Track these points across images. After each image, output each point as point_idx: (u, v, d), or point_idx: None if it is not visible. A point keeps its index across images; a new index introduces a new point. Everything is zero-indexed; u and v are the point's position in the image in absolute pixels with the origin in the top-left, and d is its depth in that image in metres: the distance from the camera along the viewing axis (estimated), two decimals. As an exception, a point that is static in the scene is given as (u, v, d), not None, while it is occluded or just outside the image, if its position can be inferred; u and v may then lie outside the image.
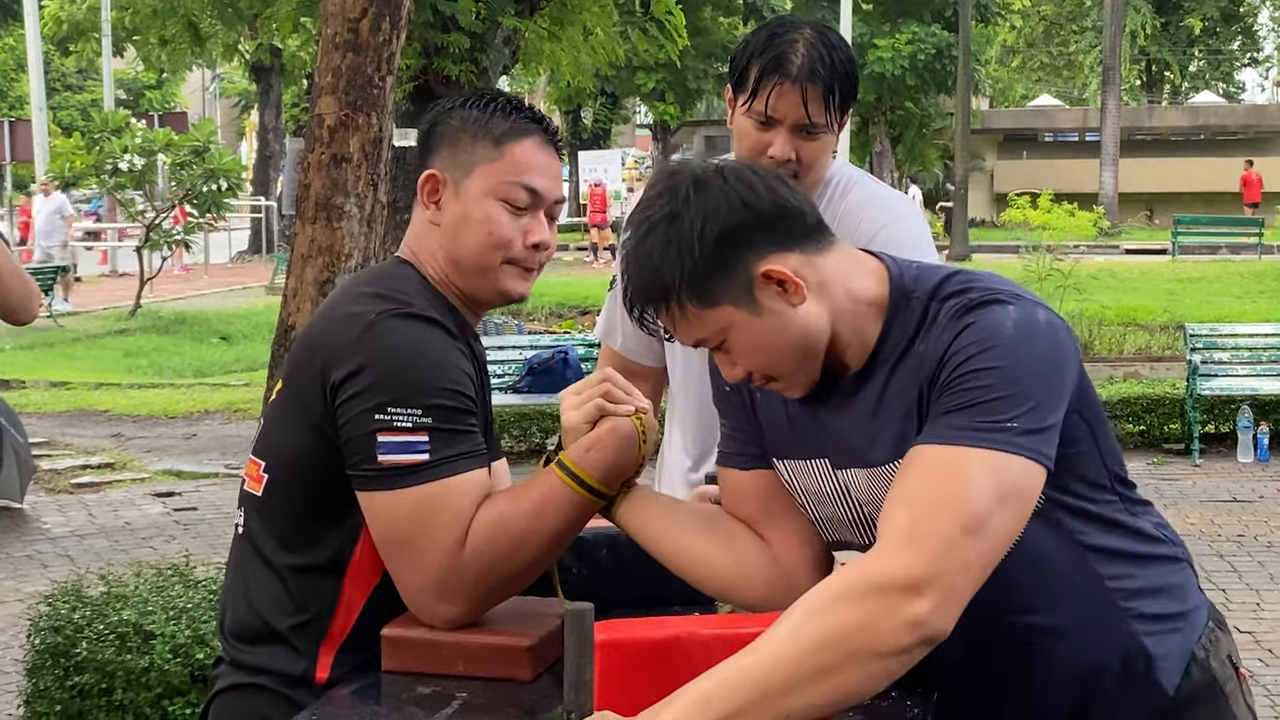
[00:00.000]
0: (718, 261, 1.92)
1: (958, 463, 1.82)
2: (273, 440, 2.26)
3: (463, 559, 2.11)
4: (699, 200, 1.93)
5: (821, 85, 2.71)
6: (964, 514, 1.78)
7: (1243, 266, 27.07)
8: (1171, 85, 59.02)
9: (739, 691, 1.70)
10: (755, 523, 2.22)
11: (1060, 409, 1.91)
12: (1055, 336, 1.94)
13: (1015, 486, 1.83)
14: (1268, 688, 6.03)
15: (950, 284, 2.01)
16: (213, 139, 21.41)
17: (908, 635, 1.73)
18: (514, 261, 2.28)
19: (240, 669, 2.25)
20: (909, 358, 1.99)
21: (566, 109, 41.87)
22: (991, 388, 1.86)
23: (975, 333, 1.91)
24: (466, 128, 2.28)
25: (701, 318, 1.95)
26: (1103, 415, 2.08)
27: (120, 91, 45.24)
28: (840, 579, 1.79)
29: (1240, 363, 11.52)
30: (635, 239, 1.96)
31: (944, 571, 1.75)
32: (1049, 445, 1.87)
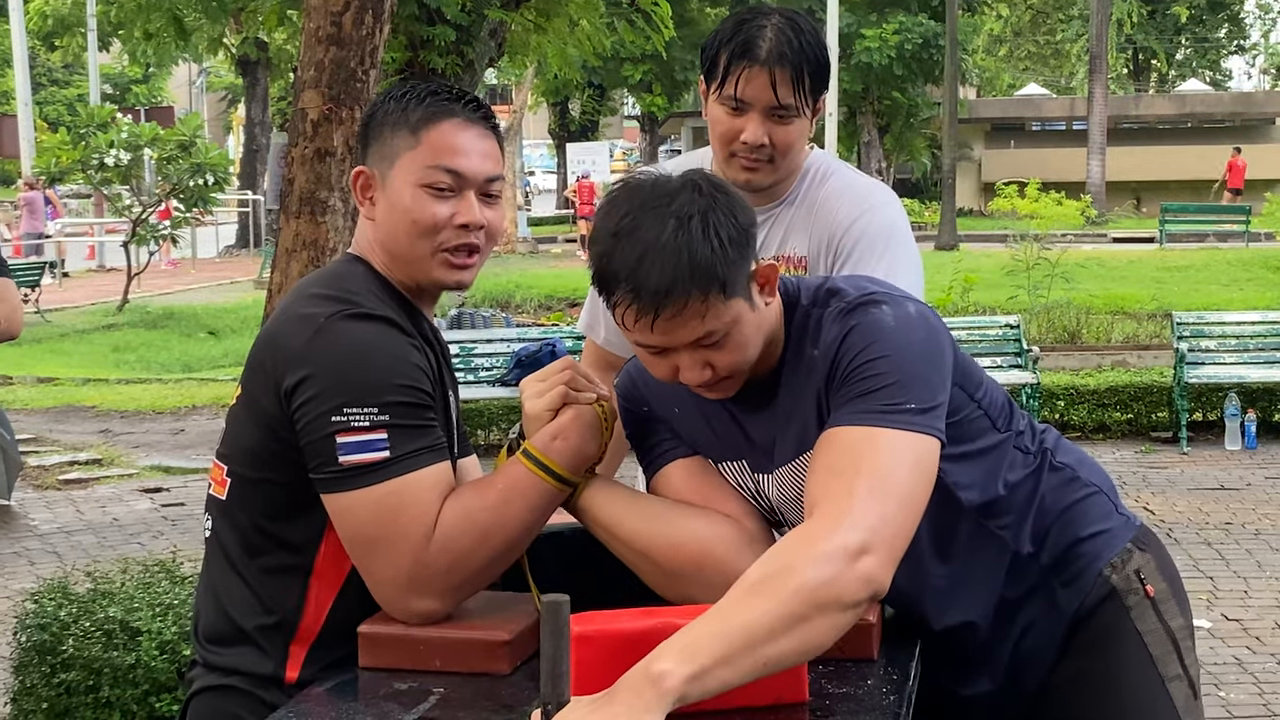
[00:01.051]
0: (744, 254, 2.05)
1: (873, 441, 2.01)
2: (233, 443, 2.26)
3: (430, 553, 2.11)
4: (725, 197, 2.05)
5: (790, 68, 2.73)
6: (894, 486, 1.97)
7: (1230, 254, 27.11)
8: (1158, 73, 59.08)
9: (724, 641, 1.79)
10: (706, 502, 2.27)
11: (946, 386, 2.12)
12: (928, 324, 2.14)
13: (921, 460, 2.03)
14: (1256, 675, 6.04)
15: (824, 289, 2.19)
16: (199, 133, 21.36)
17: (863, 590, 1.89)
18: (445, 247, 2.26)
19: (213, 671, 2.25)
20: (802, 363, 2.16)
21: (554, 101, 41.85)
22: (884, 375, 2.05)
23: (860, 332, 2.09)
24: (387, 120, 2.29)
25: (721, 310, 2.03)
26: (976, 374, 2.29)
27: (106, 86, 45.13)
28: (802, 540, 1.91)
29: (1227, 350, 11.54)
30: (664, 230, 1.99)
31: (885, 536, 1.93)
32: (939, 420, 2.08)
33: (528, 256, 30.80)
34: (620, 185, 2.08)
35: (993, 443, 2.28)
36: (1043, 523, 2.31)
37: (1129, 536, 2.38)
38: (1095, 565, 2.33)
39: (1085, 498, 2.36)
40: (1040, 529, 2.31)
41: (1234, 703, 5.68)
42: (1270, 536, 8.31)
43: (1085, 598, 2.32)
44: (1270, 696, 5.80)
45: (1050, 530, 2.31)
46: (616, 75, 38.14)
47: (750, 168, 2.82)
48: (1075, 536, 2.33)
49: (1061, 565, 2.31)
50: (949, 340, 2.17)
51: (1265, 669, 6.12)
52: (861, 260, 2.81)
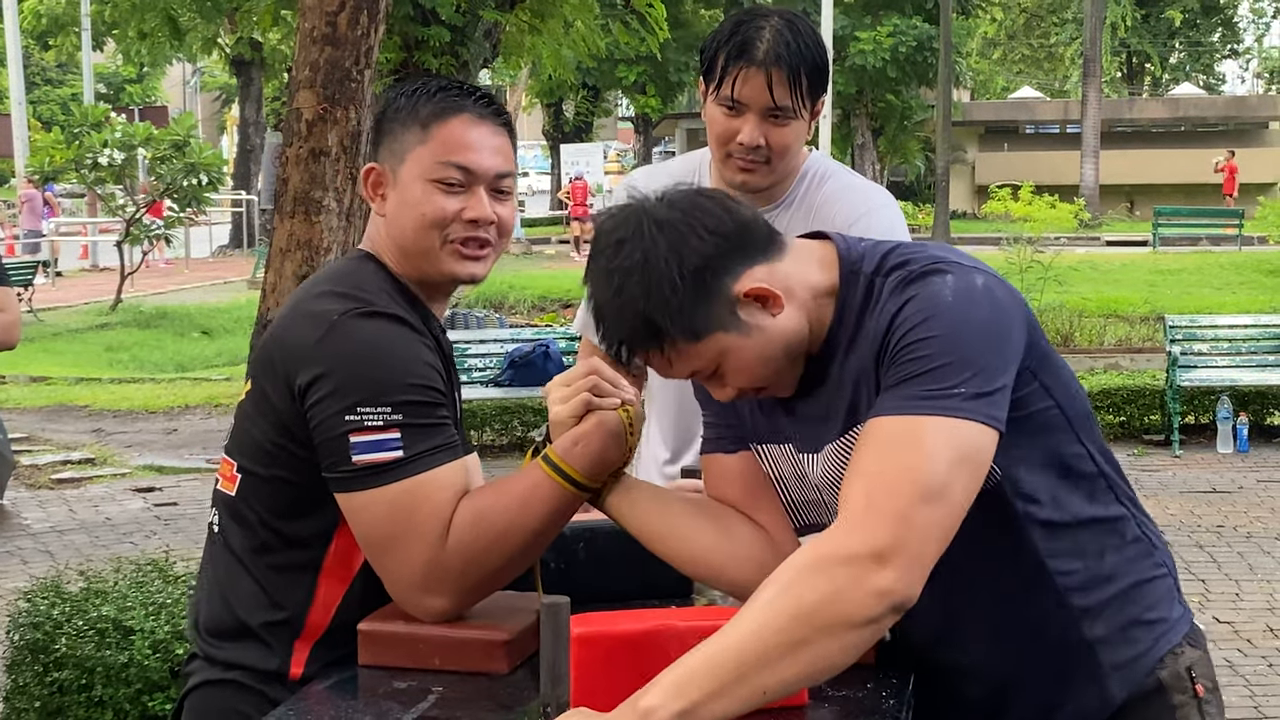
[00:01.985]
0: (701, 295, 1.93)
1: (911, 431, 1.85)
2: (244, 439, 2.26)
3: (445, 553, 2.10)
4: (666, 238, 1.92)
5: (786, 69, 2.73)
6: (921, 481, 1.81)
7: (1223, 258, 27.15)
8: (1152, 77, 59.13)
9: (717, 671, 1.72)
10: (743, 505, 2.23)
11: (1010, 371, 1.93)
12: (994, 299, 1.96)
13: (968, 450, 1.85)
14: (1247, 678, 6.05)
15: (893, 257, 2.04)
16: (193, 133, 21.34)
17: (877, 604, 1.75)
18: (452, 240, 2.26)
19: (214, 665, 2.24)
20: (860, 336, 2.02)
21: (548, 102, 41.84)
22: (935, 356, 1.88)
23: (916, 305, 1.93)
24: (398, 117, 2.28)
25: (695, 351, 1.96)
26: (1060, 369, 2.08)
27: (100, 85, 45.09)
28: (805, 554, 1.81)
29: (1220, 354, 11.56)
30: (610, 289, 1.94)
31: (906, 539, 1.77)
32: (999, 408, 1.89)
33: (521, 257, 30.77)
34: (603, 218, 2.01)
35: (1066, 453, 2.07)
36: (1107, 588, 2.11)
37: (1185, 631, 2.20)
38: (1152, 655, 2.15)
39: (1155, 578, 2.18)
40: (1103, 594, 2.11)
41: (1226, 705, 5.68)
42: (1262, 539, 8.32)
43: (1134, 693, 2.13)
44: (1261, 699, 5.81)
45: (1115, 600, 2.12)
46: (611, 76, 38.13)
47: (747, 169, 2.82)
48: (1136, 617, 2.14)
49: (1115, 643, 2.12)
50: (1021, 318, 1.98)
51: (1256, 671, 6.13)
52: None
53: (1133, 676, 2.14)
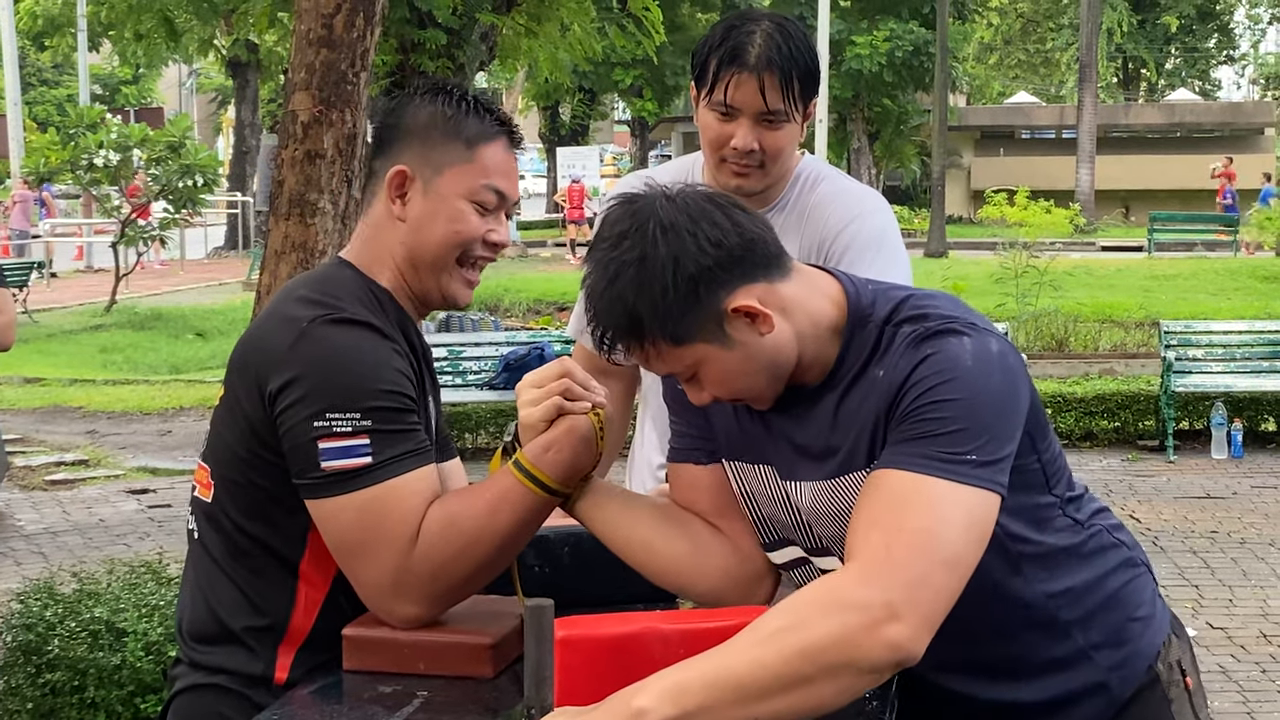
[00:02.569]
0: (690, 303, 1.95)
1: (926, 493, 1.88)
2: (218, 445, 2.26)
3: (414, 560, 2.10)
4: (667, 242, 1.94)
5: (779, 73, 2.73)
6: (940, 548, 1.84)
7: (1218, 263, 27.16)
8: (1148, 83, 59.19)
9: (714, 689, 1.73)
10: (712, 516, 2.25)
11: (1015, 437, 1.99)
12: (1007, 365, 2.00)
13: (978, 518, 1.90)
14: (1240, 684, 6.06)
15: (905, 308, 2.06)
16: (189, 134, 21.31)
17: (886, 656, 1.78)
18: (469, 261, 2.29)
19: (199, 669, 2.25)
20: (863, 380, 2.04)
21: (544, 105, 41.87)
22: (952, 419, 1.92)
23: (935, 364, 1.96)
24: (437, 125, 2.29)
25: (674, 354, 1.99)
26: (1046, 428, 2.16)
27: (96, 86, 45.03)
28: (823, 593, 1.82)
29: (1214, 360, 11.57)
30: (604, 279, 1.96)
31: (922, 599, 1.81)
32: (1004, 474, 1.94)
33: (516, 260, 30.78)
34: (613, 206, 2.02)
35: (1041, 503, 2.15)
36: (1094, 598, 2.19)
37: (1168, 619, 2.29)
38: (1147, 650, 2.22)
39: (1135, 578, 2.25)
40: (1091, 605, 2.18)
41: (1218, 711, 5.69)
42: (1255, 545, 8.33)
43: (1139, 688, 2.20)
44: (1254, 705, 5.82)
45: (1102, 608, 2.19)
46: (607, 80, 38.17)
47: (740, 173, 2.83)
48: (1125, 617, 2.21)
49: (1110, 646, 2.19)
50: (1027, 385, 2.05)
51: (1249, 677, 6.14)
52: (852, 265, 2.80)
53: (1132, 675, 2.20)
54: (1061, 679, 2.17)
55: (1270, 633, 6.75)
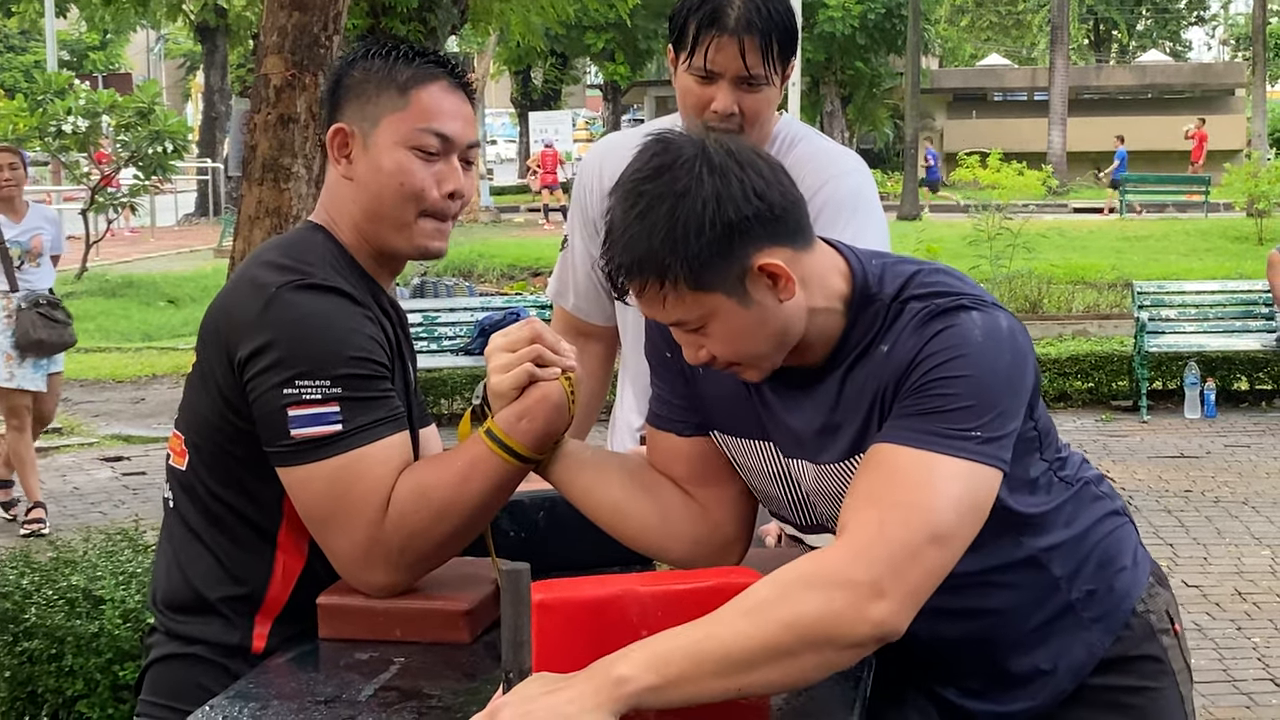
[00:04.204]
0: (722, 249, 1.89)
1: (925, 468, 1.87)
2: (190, 413, 2.23)
3: (385, 528, 2.08)
4: (714, 183, 1.89)
5: (759, 36, 2.71)
6: (931, 523, 1.83)
7: (1189, 224, 27.26)
8: (1119, 44, 59.24)
9: (696, 659, 1.73)
10: (686, 483, 2.23)
11: (1020, 415, 1.98)
12: (1017, 344, 1.99)
13: (978, 496, 1.89)
14: (1216, 641, 6.10)
15: (913, 285, 2.02)
16: (158, 100, 21.16)
17: (868, 632, 1.78)
18: (430, 213, 2.24)
19: (175, 639, 2.22)
20: (869, 358, 2.01)
21: (516, 69, 41.68)
22: (959, 396, 1.90)
23: (945, 340, 1.94)
24: (370, 78, 2.24)
25: (689, 300, 1.92)
26: (1039, 395, 2.14)
27: (64, 53, 44.69)
28: (811, 568, 1.81)
29: (1187, 320, 11.62)
30: (639, 207, 1.89)
31: (908, 576, 1.80)
32: (1007, 451, 1.93)
33: (490, 225, 30.69)
34: (650, 140, 1.95)
35: (1031, 468, 2.14)
36: (1081, 550, 2.18)
37: (1149, 569, 2.29)
38: (1127, 602, 2.22)
39: (1121, 528, 2.26)
40: (1079, 557, 2.18)
41: (1194, 668, 5.72)
42: (1229, 504, 8.38)
43: (1120, 636, 2.21)
44: (1230, 662, 5.86)
45: (1088, 560, 2.19)
46: (579, 43, 38.02)
47: (720, 137, 2.80)
48: (1109, 569, 2.21)
49: (1093, 599, 2.19)
50: (1033, 362, 2.03)
51: (1225, 635, 6.18)
52: (827, 225, 2.77)
53: (1112, 624, 2.20)
54: (1047, 632, 2.18)
55: (1245, 590, 6.79)
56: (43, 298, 7.98)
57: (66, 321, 8.06)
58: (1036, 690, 2.20)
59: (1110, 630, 2.20)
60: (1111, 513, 2.26)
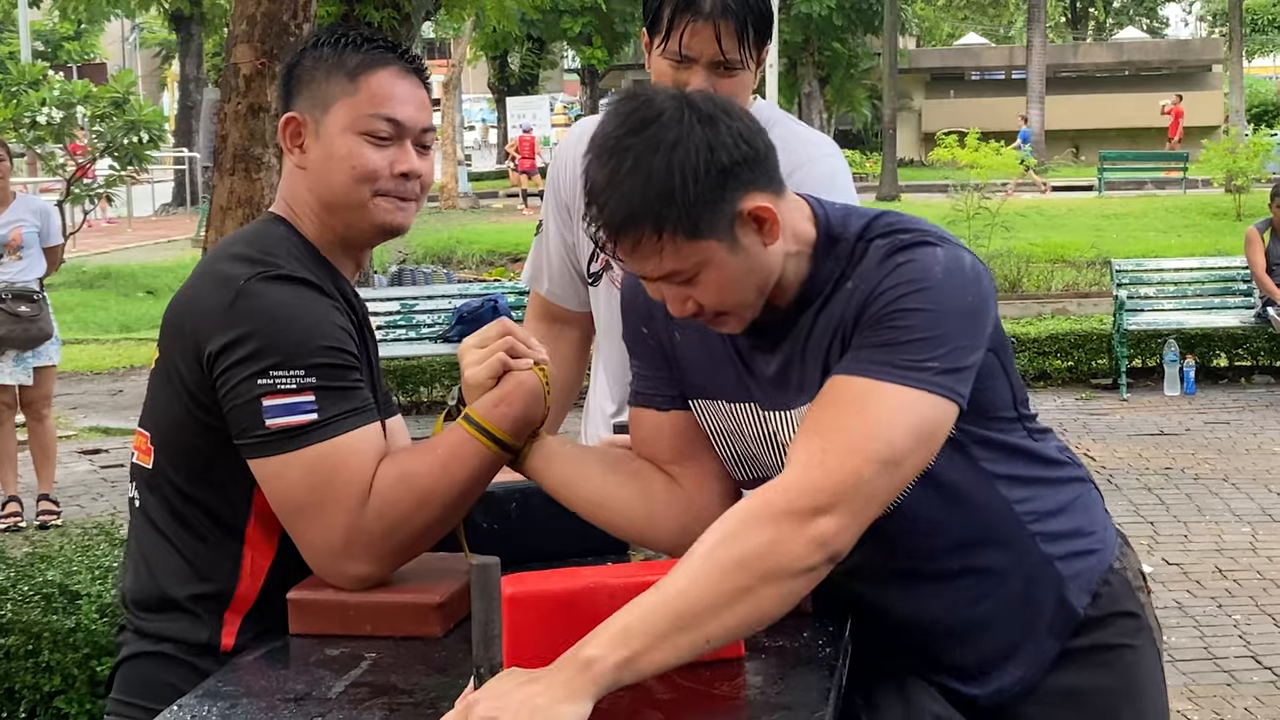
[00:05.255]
0: (716, 195, 1.91)
1: (876, 396, 1.88)
2: (155, 410, 2.21)
3: (366, 516, 2.07)
4: (703, 131, 1.90)
5: (735, 21, 2.69)
6: (878, 448, 1.84)
7: (1168, 201, 27.32)
8: (1096, 21, 59.29)
9: (660, 620, 1.72)
10: (669, 462, 2.23)
11: (980, 350, 1.98)
12: (979, 280, 2.00)
13: (929, 424, 1.90)
14: (1197, 619, 6.11)
15: (877, 225, 2.05)
16: (133, 90, 21.00)
17: (814, 553, 1.79)
18: (384, 193, 2.22)
19: (144, 637, 2.21)
20: (836, 297, 2.02)
21: (493, 55, 41.53)
22: (917, 328, 1.91)
23: (906, 273, 1.95)
24: (320, 66, 2.23)
25: (684, 249, 1.92)
26: (1009, 348, 2.16)
27: (38, 43, 44.45)
28: (750, 504, 1.83)
29: (1166, 297, 11.65)
30: (627, 163, 1.89)
31: (851, 497, 1.81)
32: (965, 385, 1.94)
33: (468, 212, 30.63)
34: (619, 99, 1.98)
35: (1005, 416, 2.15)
36: (1051, 506, 2.20)
37: (1116, 534, 2.31)
38: (1101, 560, 2.23)
39: (1087, 493, 2.28)
40: (1053, 514, 2.19)
41: (1175, 646, 5.74)
42: (1209, 481, 8.40)
43: (1098, 593, 2.21)
44: (1211, 639, 5.87)
45: (1061, 517, 2.20)
46: (556, 28, 37.90)
47: (696, 122, 2.78)
48: (1081, 529, 2.23)
49: (1070, 557, 2.20)
50: (994, 300, 2.04)
51: (1205, 613, 6.19)
52: (803, 209, 2.78)
53: (1087, 584, 2.21)
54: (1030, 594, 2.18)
55: (1225, 567, 6.80)
56: (7, 291, 7.87)
57: (35, 315, 7.94)
58: (1024, 658, 2.19)
59: (1087, 588, 2.21)
60: (1077, 478, 2.28)
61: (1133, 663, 2.24)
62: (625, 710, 1.77)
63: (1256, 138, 28.42)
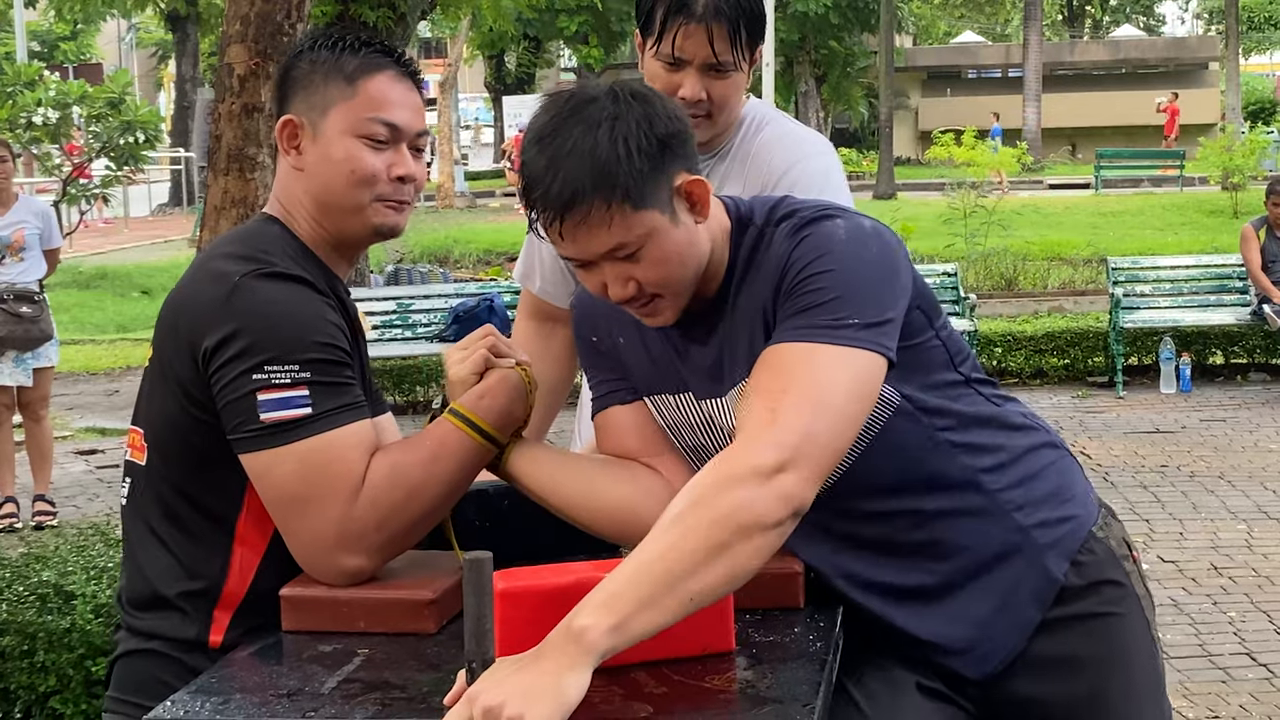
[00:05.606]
0: (656, 166, 1.99)
1: (809, 357, 1.96)
2: (149, 408, 2.23)
3: (358, 509, 2.09)
4: (639, 107, 2.00)
5: (727, 23, 2.70)
6: (823, 401, 1.92)
7: (1164, 199, 27.34)
8: (1092, 19, 59.32)
9: (645, 585, 1.76)
10: (643, 455, 2.27)
11: (899, 304, 2.06)
12: (883, 239, 2.08)
13: (860, 376, 1.96)
14: (1192, 617, 6.11)
15: (782, 207, 2.14)
16: (129, 90, 21.01)
17: (782, 508, 1.84)
18: (382, 198, 2.25)
19: (136, 635, 2.23)
20: (751, 279, 2.11)
21: (490, 54, 41.53)
22: (829, 289, 2.00)
23: (810, 243, 2.05)
24: (317, 69, 2.25)
25: (630, 221, 1.98)
26: (936, 306, 2.22)
27: (34, 43, 44.44)
28: (714, 469, 1.87)
29: (1162, 295, 11.66)
30: (570, 141, 1.96)
31: (808, 451, 1.88)
32: (889, 338, 2.01)
33: (465, 211, 30.63)
34: (549, 95, 2.05)
35: (950, 380, 2.19)
36: (1026, 473, 2.22)
37: (1098, 503, 2.32)
38: (1081, 527, 2.24)
39: (1061, 459, 2.30)
40: (1024, 482, 2.22)
41: (1170, 644, 5.74)
42: (1205, 479, 8.40)
43: (1079, 561, 2.22)
44: (1206, 637, 5.87)
45: (1035, 486, 2.22)
46: (552, 27, 37.89)
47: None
48: (1057, 495, 2.24)
49: (1047, 525, 2.21)
50: (905, 259, 2.11)
51: (1200, 610, 6.19)
52: (795, 208, 2.78)
53: (1067, 550, 2.23)
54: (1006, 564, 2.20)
55: (1220, 565, 6.81)
56: (9, 292, 7.88)
57: (36, 317, 7.95)
58: (1004, 626, 2.20)
59: (1066, 554, 2.23)
60: (1048, 444, 2.30)
61: (1119, 630, 2.26)
62: (618, 704, 1.78)
63: (1253, 135, 28.43)
